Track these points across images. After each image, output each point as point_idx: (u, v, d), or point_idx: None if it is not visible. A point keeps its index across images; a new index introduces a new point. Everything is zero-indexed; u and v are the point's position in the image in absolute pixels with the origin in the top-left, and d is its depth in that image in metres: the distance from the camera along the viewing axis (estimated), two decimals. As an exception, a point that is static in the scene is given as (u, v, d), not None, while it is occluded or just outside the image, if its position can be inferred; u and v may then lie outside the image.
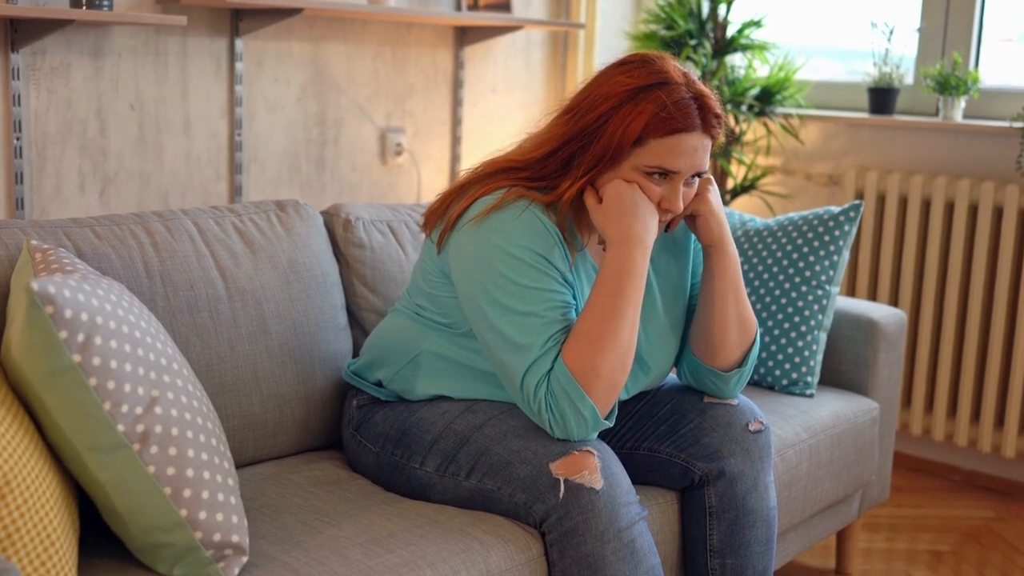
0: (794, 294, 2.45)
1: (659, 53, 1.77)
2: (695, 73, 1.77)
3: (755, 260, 2.50)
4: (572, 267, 1.79)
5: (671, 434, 1.91)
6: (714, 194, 1.84)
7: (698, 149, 1.73)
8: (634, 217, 1.72)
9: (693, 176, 1.78)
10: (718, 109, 1.75)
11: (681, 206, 1.77)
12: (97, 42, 2.62)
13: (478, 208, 1.75)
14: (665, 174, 1.74)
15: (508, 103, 3.64)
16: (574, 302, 1.77)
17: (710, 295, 1.87)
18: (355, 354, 2.19)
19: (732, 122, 3.58)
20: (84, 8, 2.40)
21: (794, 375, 2.43)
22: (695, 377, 1.95)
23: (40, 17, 2.36)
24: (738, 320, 1.88)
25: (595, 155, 1.73)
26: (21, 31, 2.44)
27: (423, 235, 1.88)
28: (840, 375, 2.58)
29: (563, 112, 1.79)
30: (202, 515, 1.47)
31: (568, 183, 1.74)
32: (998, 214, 3.20)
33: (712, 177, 1.85)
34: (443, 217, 1.81)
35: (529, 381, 1.69)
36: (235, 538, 1.50)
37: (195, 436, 1.50)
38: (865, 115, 3.48)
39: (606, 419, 1.72)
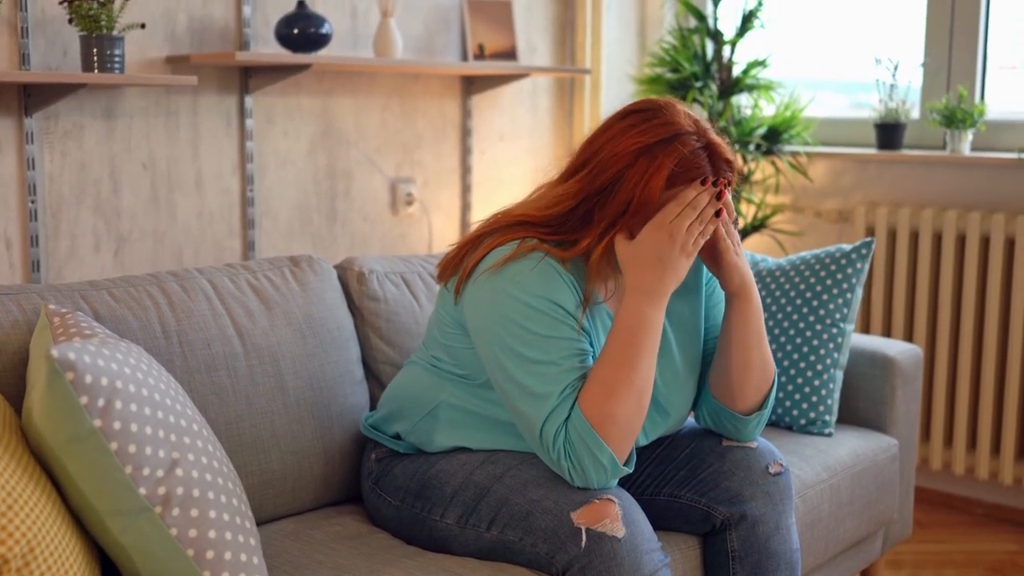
0: (809, 333, 2.44)
1: (667, 100, 1.78)
2: (703, 116, 1.78)
3: (768, 300, 2.50)
4: (588, 317, 1.80)
5: (691, 479, 1.91)
6: (738, 242, 1.85)
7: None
8: (663, 272, 1.72)
9: None
10: (729, 155, 1.76)
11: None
12: (109, 104, 2.65)
13: (493, 259, 1.76)
14: None
15: (516, 150, 3.67)
16: (591, 349, 1.77)
17: (733, 342, 1.86)
18: (372, 407, 2.20)
19: (740, 162, 3.60)
20: (96, 72, 2.43)
21: (812, 415, 2.43)
22: (714, 420, 1.94)
23: (53, 82, 2.39)
24: (760, 365, 1.88)
25: (614, 211, 1.73)
26: (34, 96, 2.47)
27: (438, 286, 1.89)
28: (858, 413, 2.57)
29: (575, 167, 1.79)
30: (225, 576, 1.47)
31: (588, 240, 1.74)
32: (1010, 245, 3.20)
33: (736, 225, 1.85)
34: (459, 268, 1.82)
35: (548, 431, 1.69)
36: (258, 598, 1.50)
37: (216, 497, 1.50)
38: (873, 151, 3.49)
39: (624, 465, 1.72)
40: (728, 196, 1.77)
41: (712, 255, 1.85)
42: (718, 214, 1.74)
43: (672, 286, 1.73)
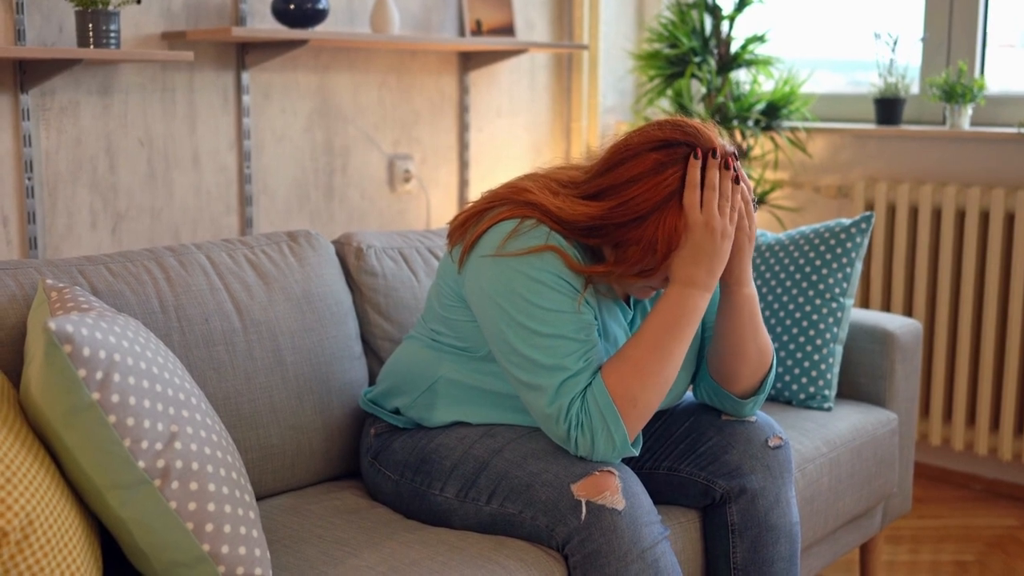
0: (808, 308, 2.44)
1: (705, 131, 1.73)
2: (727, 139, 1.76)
3: (768, 275, 2.50)
4: (594, 300, 1.79)
5: (690, 452, 1.91)
6: (752, 226, 1.81)
7: None
8: (711, 265, 1.71)
9: None
10: (752, 195, 1.76)
11: None
12: (105, 80, 2.64)
13: (498, 232, 1.74)
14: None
15: (514, 126, 3.65)
16: (596, 322, 1.76)
17: (728, 330, 1.85)
18: (371, 382, 2.19)
19: (739, 137, 3.59)
20: (92, 47, 2.41)
21: (811, 389, 2.43)
22: (712, 398, 1.94)
23: (48, 58, 2.37)
24: (756, 352, 1.87)
25: (640, 253, 1.71)
26: (30, 72, 2.46)
27: (447, 249, 1.87)
28: (857, 387, 2.57)
29: (599, 189, 1.74)
30: (224, 549, 1.46)
31: (606, 268, 1.72)
32: (1010, 220, 3.19)
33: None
34: (463, 237, 1.81)
35: (562, 400, 1.68)
36: (258, 571, 1.50)
37: (215, 470, 1.50)
38: (872, 126, 3.48)
39: (632, 446, 1.72)
40: (745, 175, 1.76)
41: None
42: (737, 180, 1.72)
43: (720, 272, 1.73)
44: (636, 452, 1.73)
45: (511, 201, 1.77)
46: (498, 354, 1.75)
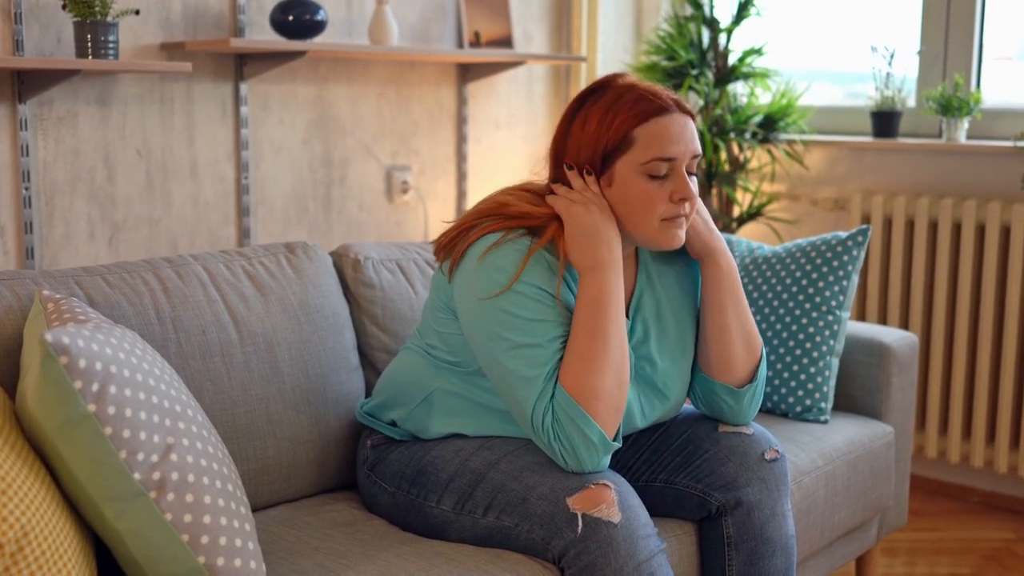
0: (804, 320, 2.44)
1: (614, 76, 1.82)
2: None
3: (764, 287, 2.50)
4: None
5: (686, 465, 1.91)
6: (699, 207, 1.87)
7: (685, 129, 1.77)
8: (598, 241, 1.74)
9: (693, 159, 1.79)
10: (676, 95, 1.80)
11: (693, 190, 1.78)
12: (103, 91, 2.64)
13: (481, 245, 1.76)
14: (665, 164, 1.75)
15: (512, 138, 3.66)
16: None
17: (708, 306, 1.88)
18: (367, 394, 2.19)
19: (736, 150, 3.59)
20: (90, 58, 2.42)
21: (807, 401, 2.43)
22: (708, 399, 1.94)
23: (46, 68, 2.37)
24: (741, 332, 1.88)
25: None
26: (28, 82, 2.46)
27: (437, 265, 1.89)
28: (853, 400, 2.57)
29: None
30: (220, 561, 1.46)
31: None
32: (1005, 233, 3.20)
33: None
34: (452, 252, 1.82)
35: (537, 413, 1.69)
36: (254, 583, 1.50)
37: (211, 482, 1.50)
38: (869, 139, 3.49)
39: (614, 440, 1.72)
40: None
41: None
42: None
43: (613, 248, 1.75)
44: (619, 444, 1.74)
45: (494, 215, 1.80)
46: (485, 368, 1.77)
